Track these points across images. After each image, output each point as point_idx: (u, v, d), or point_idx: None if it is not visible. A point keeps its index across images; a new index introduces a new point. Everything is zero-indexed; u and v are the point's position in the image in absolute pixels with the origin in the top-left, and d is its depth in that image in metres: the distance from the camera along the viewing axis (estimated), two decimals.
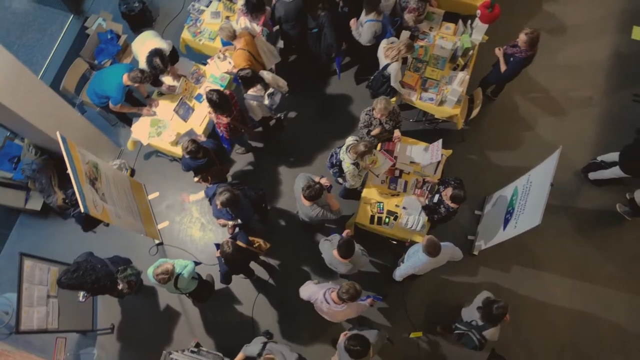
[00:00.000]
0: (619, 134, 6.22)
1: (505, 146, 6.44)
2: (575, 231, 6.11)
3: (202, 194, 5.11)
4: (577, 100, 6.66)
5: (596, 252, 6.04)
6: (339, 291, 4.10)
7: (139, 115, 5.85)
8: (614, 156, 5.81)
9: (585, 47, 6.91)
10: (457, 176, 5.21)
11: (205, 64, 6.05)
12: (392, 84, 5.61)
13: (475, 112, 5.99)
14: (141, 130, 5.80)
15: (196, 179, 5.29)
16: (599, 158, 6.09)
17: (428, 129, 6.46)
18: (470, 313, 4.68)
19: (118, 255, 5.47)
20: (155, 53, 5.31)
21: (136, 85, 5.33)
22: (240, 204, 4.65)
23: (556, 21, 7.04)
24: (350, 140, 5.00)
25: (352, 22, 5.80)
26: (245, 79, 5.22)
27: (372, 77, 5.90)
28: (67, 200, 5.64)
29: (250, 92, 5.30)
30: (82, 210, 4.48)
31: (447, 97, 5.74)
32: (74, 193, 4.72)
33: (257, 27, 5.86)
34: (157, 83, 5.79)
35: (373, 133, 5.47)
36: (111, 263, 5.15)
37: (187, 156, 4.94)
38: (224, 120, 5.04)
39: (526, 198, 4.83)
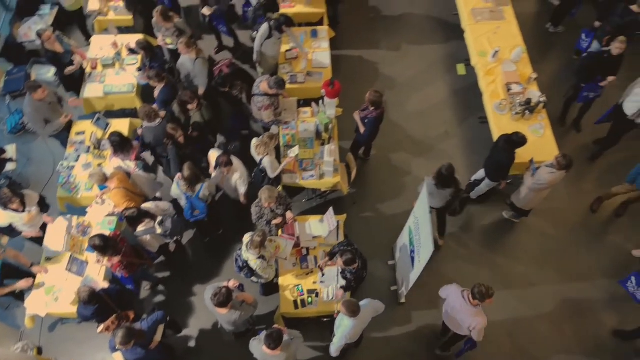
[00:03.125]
0: (480, 153, 6.97)
1: (391, 196, 6.95)
2: (479, 247, 6.59)
3: None
4: (437, 137, 7.47)
5: (504, 260, 6.52)
6: None
7: (30, 289, 5.57)
8: (482, 172, 6.50)
9: (426, 93, 7.90)
10: (361, 234, 5.49)
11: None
12: (271, 175, 5.96)
13: (353, 175, 6.49)
14: (36, 303, 5.49)
15: (100, 329, 5.01)
16: (472, 178, 6.77)
17: (321, 203, 6.82)
18: None
19: None
20: None
21: None
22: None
23: (394, 79, 8.02)
24: (246, 238, 5.15)
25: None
26: (131, 219, 5.26)
27: (252, 175, 6.21)
28: None
29: (140, 228, 5.34)
30: None
31: (324, 170, 6.19)
32: None
33: (131, 164, 6.03)
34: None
35: (274, 222, 5.68)
36: None
37: (82, 305, 4.75)
38: (114, 260, 4.99)
39: (419, 233, 5.20)
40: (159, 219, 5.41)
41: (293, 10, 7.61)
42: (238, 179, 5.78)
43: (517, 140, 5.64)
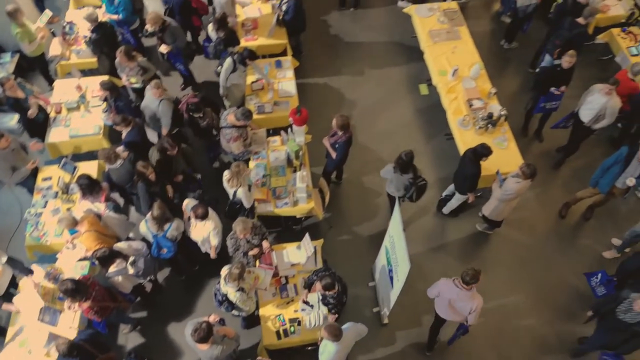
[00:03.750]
0: (448, 168, 7.12)
1: (366, 217, 7.01)
2: (457, 262, 6.65)
3: None
4: None
5: (482, 272, 6.58)
6: None
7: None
8: (451, 187, 6.62)
9: (392, 114, 8.07)
10: (339, 258, 5.49)
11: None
12: (247, 206, 5.95)
13: (327, 199, 6.54)
14: (10, 357, 5.28)
15: None
16: (443, 194, 6.90)
17: (297, 230, 6.81)
18: None
19: None
20: None
21: None
22: None
23: (360, 103, 8.19)
24: (224, 271, 5.10)
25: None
26: (103, 259, 5.16)
27: (227, 207, 6.19)
28: None
29: (112, 269, 5.23)
30: None
31: (297, 197, 6.22)
32: None
33: (101, 205, 5.94)
34: None
35: (252, 253, 5.64)
36: None
37: (62, 359, 4.58)
38: (84, 305, 4.86)
39: (395, 251, 5.25)
40: (131, 259, 5.32)
41: (256, 43, 7.75)
42: (212, 230, 5.56)
43: (482, 151, 5.81)
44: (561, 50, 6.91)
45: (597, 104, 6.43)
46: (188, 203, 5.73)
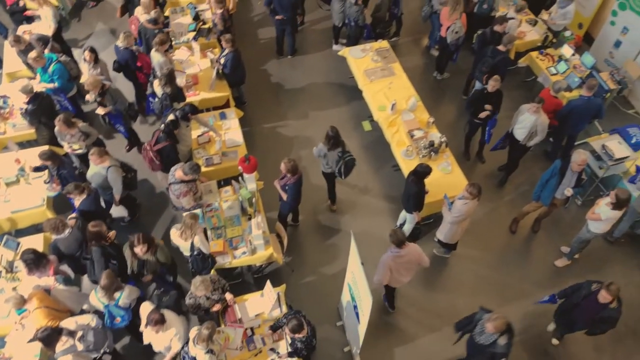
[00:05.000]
0: (399, 198, 7.23)
1: (327, 256, 7.03)
2: (419, 289, 6.74)
3: None
4: (358, 191, 7.75)
5: (445, 296, 6.70)
6: None
7: None
8: (403, 214, 6.78)
9: None
10: (304, 301, 5.43)
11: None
12: (207, 252, 5.85)
13: (285, 243, 6.52)
14: None
15: None
16: (397, 223, 7.04)
17: (258, 278, 6.72)
18: None
19: None
20: None
21: None
22: None
23: (308, 144, 8.27)
24: (193, 332, 4.94)
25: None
26: (45, 339, 4.86)
27: (190, 266, 6.04)
28: None
29: (59, 348, 4.93)
30: None
31: (255, 244, 6.17)
32: None
33: (50, 279, 5.68)
34: None
35: (214, 309, 5.49)
36: None
37: None
38: None
39: (357, 287, 5.26)
40: (79, 333, 5.04)
41: (198, 98, 7.83)
42: (174, 337, 5.15)
43: (422, 170, 6.09)
44: (488, 75, 7.37)
45: (528, 122, 6.85)
46: (145, 308, 5.27)
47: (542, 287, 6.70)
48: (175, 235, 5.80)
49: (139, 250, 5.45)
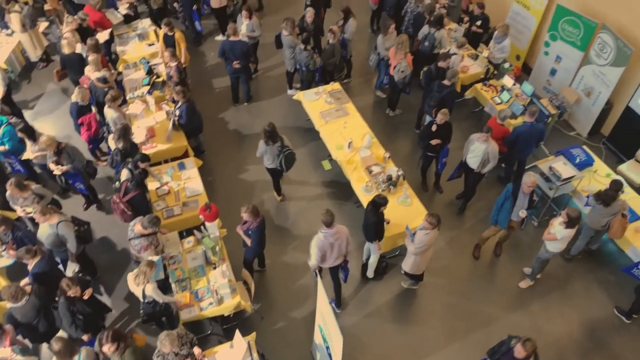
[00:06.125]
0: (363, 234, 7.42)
1: (296, 299, 6.96)
2: (390, 323, 6.73)
3: None
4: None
5: (416, 328, 6.72)
6: None
7: None
8: (366, 247, 6.85)
9: (302, 192, 8.34)
10: (277, 347, 5.33)
11: None
12: (160, 301, 5.70)
13: (253, 290, 6.43)
14: None
15: None
16: (364, 258, 7.08)
17: (227, 328, 6.55)
18: None
19: None
20: None
21: None
22: None
23: (270, 187, 8.35)
24: None
25: None
26: None
27: (142, 313, 5.86)
28: None
29: None
30: None
31: (221, 294, 6.06)
32: None
33: (6, 350, 5.41)
34: None
35: None
36: None
37: None
38: None
39: (327, 327, 5.22)
40: None
41: (155, 150, 7.81)
42: None
43: (379, 201, 6.22)
44: (437, 109, 7.69)
45: (479, 151, 7.14)
46: None
47: (507, 310, 6.82)
48: (130, 279, 5.67)
49: (107, 349, 5.08)
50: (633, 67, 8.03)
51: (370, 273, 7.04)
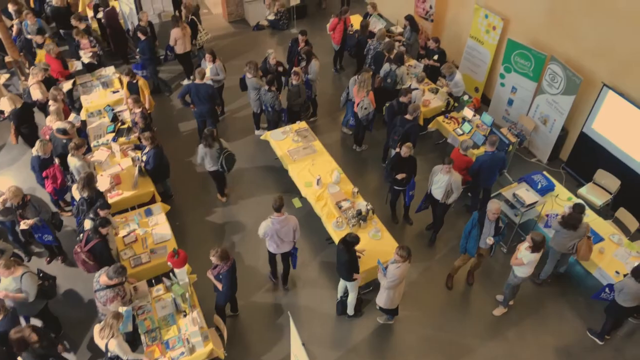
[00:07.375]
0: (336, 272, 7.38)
1: (271, 343, 6.79)
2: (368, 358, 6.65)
3: None
4: (295, 270, 7.71)
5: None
6: None
7: None
8: (340, 285, 6.80)
9: None
10: None
11: None
12: (124, 357, 5.49)
13: (225, 336, 6.26)
14: None
15: None
16: (338, 296, 7.02)
17: None
18: None
19: None
20: None
21: None
22: None
23: (241, 230, 8.31)
24: None
25: None
26: None
27: None
28: None
29: None
30: None
31: (193, 343, 5.88)
32: None
33: None
34: None
35: None
36: None
37: None
38: None
39: None
40: None
41: (121, 197, 7.68)
42: None
43: (350, 240, 6.23)
44: (401, 143, 7.86)
45: (442, 182, 7.29)
46: None
47: (483, 339, 6.82)
48: (95, 332, 5.46)
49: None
50: (583, 95, 8.45)
51: (350, 311, 6.97)
